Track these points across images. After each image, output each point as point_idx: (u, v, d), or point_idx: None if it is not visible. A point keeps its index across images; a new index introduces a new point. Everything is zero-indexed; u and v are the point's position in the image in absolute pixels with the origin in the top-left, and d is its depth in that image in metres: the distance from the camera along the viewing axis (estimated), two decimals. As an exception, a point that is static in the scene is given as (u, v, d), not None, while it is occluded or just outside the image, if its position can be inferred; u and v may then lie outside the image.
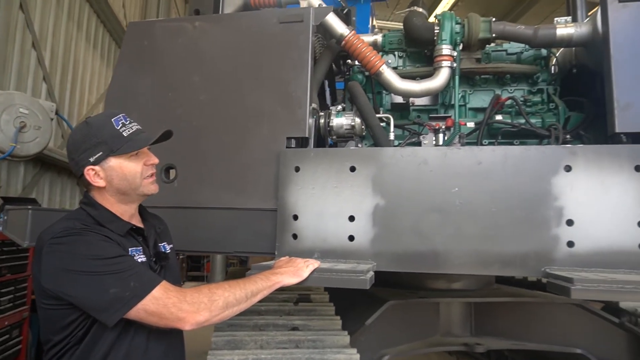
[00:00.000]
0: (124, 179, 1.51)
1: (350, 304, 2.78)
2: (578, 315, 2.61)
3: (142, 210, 1.71)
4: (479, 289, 2.94)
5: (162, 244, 1.69)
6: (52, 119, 4.98)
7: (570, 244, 1.84)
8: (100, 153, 1.48)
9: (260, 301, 2.73)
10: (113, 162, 1.50)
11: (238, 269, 4.29)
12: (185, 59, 2.34)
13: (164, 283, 1.39)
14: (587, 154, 1.88)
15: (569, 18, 2.47)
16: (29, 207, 2.19)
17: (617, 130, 1.92)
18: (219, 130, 2.23)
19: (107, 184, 1.51)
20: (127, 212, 1.58)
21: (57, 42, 6.19)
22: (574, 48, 2.51)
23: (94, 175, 1.51)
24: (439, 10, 12.45)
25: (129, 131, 1.52)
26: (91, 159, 1.49)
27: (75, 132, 1.57)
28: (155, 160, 1.61)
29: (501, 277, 3.50)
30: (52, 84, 5.99)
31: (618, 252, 1.81)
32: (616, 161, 1.84)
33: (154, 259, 1.56)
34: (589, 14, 2.56)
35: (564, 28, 2.32)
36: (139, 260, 1.48)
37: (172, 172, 2.27)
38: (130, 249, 1.48)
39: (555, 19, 2.42)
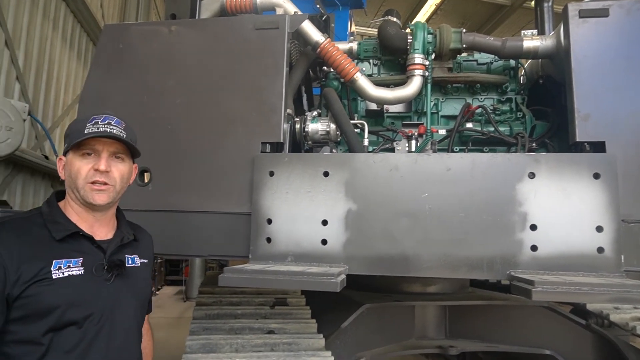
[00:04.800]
0: (69, 175, 1.46)
1: (327, 308, 2.80)
2: (547, 317, 2.70)
3: (120, 219, 1.64)
4: (454, 292, 3.01)
5: (132, 256, 1.59)
6: (24, 120, 4.88)
7: (534, 247, 1.92)
8: (66, 145, 1.49)
9: (236, 305, 2.77)
10: (70, 156, 1.47)
11: (216, 272, 4.28)
12: (160, 63, 2.35)
13: None
14: (550, 161, 1.96)
15: (535, 31, 2.57)
16: (-1, 209, 2.16)
17: (578, 139, 2.01)
18: (193, 134, 2.25)
19: (65, 178, 1.49)
20: (88, 220, 1.49)
21: (32, 41, 6.06)
22: (540, 60, 2.61)
23: (61, 166, 1.51)
24: (417, 19, 12.67)
25: (92, 129, 1.44)
26: (64, 150, 1.50)
27: None
28: (100, 167, 1.45)
29: (475, 281, 3.59)
30: (25, 84, 5.87)
31: (578, 255, 1.90)
32: (576, 169, 1.93)
33: (106, 267, 1.46)
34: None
35: (530, 41, 2.42)
36: (67, 273, 1.37)
37: (147, 176, 2.27)
38: (57, 260, 1.37)
39: (523, 31, 2.52)
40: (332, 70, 2.72)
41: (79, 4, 7.05)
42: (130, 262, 1.57)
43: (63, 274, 1.36)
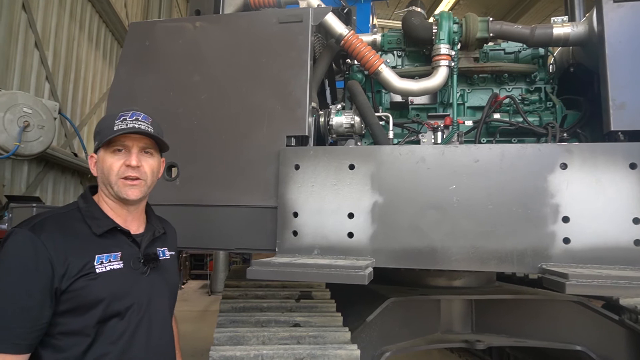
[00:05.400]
0: (102, 172, 1.51)
1: (352, 301, 2.80)
2: (579, 312, 2.62)
3: (149, 213, 1.69)
4: (480, 286, 2.96)
5: (162, 249, 1.64)
6: (55, 118, 5.02)
7: (566, 240, 1.87)
8: (97, 142, 1.53)
9: (262, 298, 2.79)
10: (101, 153, 1.52)
11: (241, 266, 4.33)
12: (186, 59, 2.37)
13: None
14: (583, 152, 1.90)
15: (565, 18, 2.49)
16: (34, 205, 2.23)
17: (613, 128, 1.94)
18: (219, 129, 2.27)
19: (98, 174, 1.53)
20: (122, 214, 1.54)
21: (60, 42, 6.23)
22: (571, 47, 2.53)
23: (92, 163, 1.56)
24: (439, 9, 12.47)
25: (121, 126, 1.48)
26: (94, 147, 1.54)
27: None
28: (132, 162, 1.49)
29: (502, 275, 3.53)
30: (54, 84, 6.04)
31: (613, 248, 1.84)
32: (611, 159, 1.87)
33: (142, 260, 1.51)
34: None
35: (561, 27, 2.34)
36: (108, 267, 1.42)
37: (174, 170, 2.30)
38: (99, 255, 1.41)
39: (552, 18, 2.44)
40: (356, 62, 2.70)
41: (104, 4, 7.20)
42: (161, 255, 1.62)
43: (105, 268, 1.41)
